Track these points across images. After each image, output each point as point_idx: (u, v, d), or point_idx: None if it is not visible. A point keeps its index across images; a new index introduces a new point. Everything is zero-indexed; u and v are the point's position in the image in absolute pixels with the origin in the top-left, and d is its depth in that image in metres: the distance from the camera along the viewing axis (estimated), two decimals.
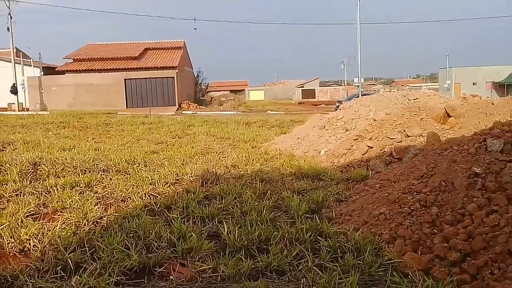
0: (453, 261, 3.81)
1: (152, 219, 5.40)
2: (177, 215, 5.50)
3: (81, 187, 6.96)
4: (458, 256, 3.82)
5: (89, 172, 8.01)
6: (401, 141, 8.77)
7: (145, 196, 6.53)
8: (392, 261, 3.98)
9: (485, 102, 10.21)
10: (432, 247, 4.08)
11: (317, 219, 5.19)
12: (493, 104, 9.40)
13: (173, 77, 40.88)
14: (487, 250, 3.75)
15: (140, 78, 40.71)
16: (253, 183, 7.20)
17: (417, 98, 11.65)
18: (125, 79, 40.51)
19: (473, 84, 56.04)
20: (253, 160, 9.50)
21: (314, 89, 74.70)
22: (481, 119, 8.74)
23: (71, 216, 5.42)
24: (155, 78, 40.75)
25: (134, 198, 6.36)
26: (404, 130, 9.01)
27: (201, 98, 52.35)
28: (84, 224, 5.21)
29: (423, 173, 5.19)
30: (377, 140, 9.12)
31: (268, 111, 37.72)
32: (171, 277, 3.95)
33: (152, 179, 7.45)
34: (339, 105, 22.68)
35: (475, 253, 3.80)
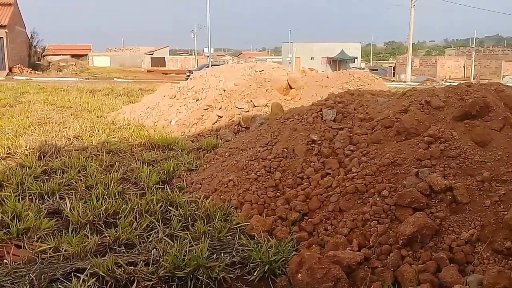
0: (294, 220, 4.17)
1: None
2: (10, 192, 4.92)
3: None
4: (297, 216, 4.19)
5: None
6: (248, 111, 9.15)
7: None
8: (240, 225, 4.18)
9: (321, 75, 11.21)
10: (276, 209, 4.40)
11: (168, 189, 5.16)
12: (328, 77, 10.39)
13: (2, 38, 35.74)
14: (322, 209, 4.18)
15: None
16: (99, 155, 6.80)
17: (263, 70, 12.23)
18: None
19: (311, 58, 60.97)
20: (98, 130, 8.96)
21: (164, 57, 72.95)
22: (318, 91, 9.58)
23: None
24: None
25: None
26: (251, 100, 9.41)
27: (37, 62, 46.91)
28: None
29: (268, 141, 5.50)
30: (227, 110, 9.36)
31: (115, 79, 35.73)
32: (5, 260, 3.55)
33: None
34: (189, 75, 22.60)
35: (312, 212, 4.21)
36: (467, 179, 3.72)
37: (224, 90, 10.47)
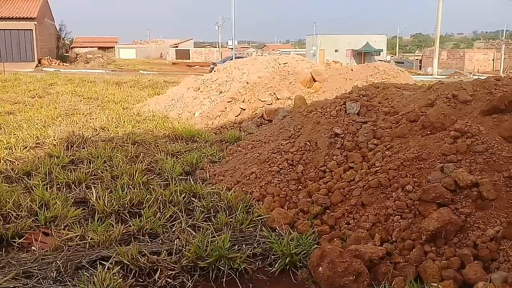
0: (315, 214, 4.17)
1: (9, 186, 4.92)
2: (38, 181, 5.07)
3: None
4: (319, 209, 4.18)
5: None
6: (271, 104, 9.14)
7: (0, 162, 5.89)
8: (261, 217, 4.21)
9: (345, 68, 11.08)
10: (297, 202, 4.41)
11: (191, 180, 5.22)
12: (352, 70, 10.26)
13: (31, 30, 36.54)
14: (344, 203, 4.16)
15: None
16: (124, 146, 6.93)
17: (286, 63, 12.18)
18: None
19: (336, 51, 60.21)
20: (124, 122, 9.10)
21: (189, 49, 73.32)
22: (342, 83, 9.49)
23: None
24: (10, 30, 35.93)
25: None
26: (275, 93, 9.39)
27: (65, 54, 47.95)
28: None
29: (291, 134, 5.50)
30: (250, 102, 9.38)
31: (140, 71, 36.15)
32: (33, 247, 3.67)
33: (8, 143, 6.76)
34: (213, 67, 22.68)
35: (334, 206, 4.20)
36: (494, 175, 3.64)
37: (247, 83, 10.48)
